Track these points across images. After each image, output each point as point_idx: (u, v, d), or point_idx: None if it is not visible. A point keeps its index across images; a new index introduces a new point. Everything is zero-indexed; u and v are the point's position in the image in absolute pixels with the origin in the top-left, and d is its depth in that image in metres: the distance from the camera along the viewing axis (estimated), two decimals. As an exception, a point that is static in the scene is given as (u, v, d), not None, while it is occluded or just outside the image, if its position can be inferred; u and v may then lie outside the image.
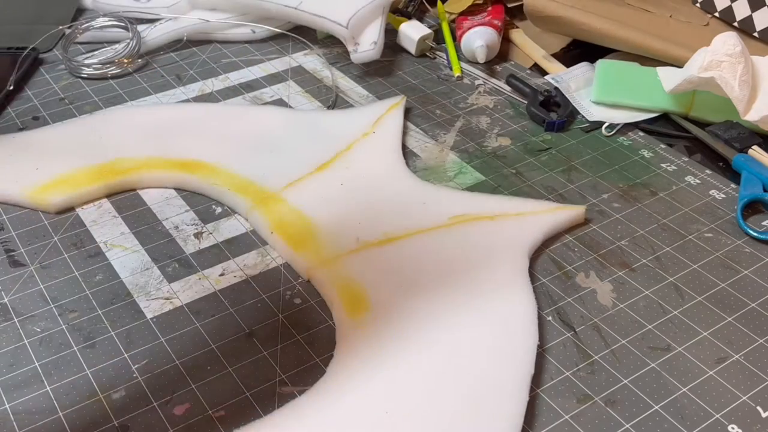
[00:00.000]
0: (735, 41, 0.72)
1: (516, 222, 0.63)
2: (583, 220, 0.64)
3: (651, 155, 0.73)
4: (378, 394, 0.49)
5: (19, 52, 0.85)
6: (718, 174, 0.70)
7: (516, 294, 0.56)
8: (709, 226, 0.64)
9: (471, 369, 0.51)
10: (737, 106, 0.71)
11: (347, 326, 0.54)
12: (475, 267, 0.58)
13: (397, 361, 0.51)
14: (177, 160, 0.69)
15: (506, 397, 0.49)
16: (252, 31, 0.91)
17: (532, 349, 0.52)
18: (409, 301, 0.56)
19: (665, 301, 0.57)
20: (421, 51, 0.89)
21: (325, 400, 0.49)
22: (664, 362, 0.53)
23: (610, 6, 0.85)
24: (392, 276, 0.57)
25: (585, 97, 0.80)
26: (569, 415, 0.49)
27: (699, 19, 0.87)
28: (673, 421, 0.49)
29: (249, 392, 0.51)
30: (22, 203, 0.66)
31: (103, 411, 0.49)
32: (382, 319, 0.54)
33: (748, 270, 0.60)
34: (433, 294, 0.56)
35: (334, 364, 0.51)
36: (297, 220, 0.62)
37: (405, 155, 0.72)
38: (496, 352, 0.52)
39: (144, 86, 0.83)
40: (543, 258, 0.61)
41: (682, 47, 0.79)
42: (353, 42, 0.84)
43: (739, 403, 0.50)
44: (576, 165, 0.71)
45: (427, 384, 0.50)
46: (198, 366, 0.52)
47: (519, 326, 0.54)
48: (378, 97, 0.81)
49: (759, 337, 0.54)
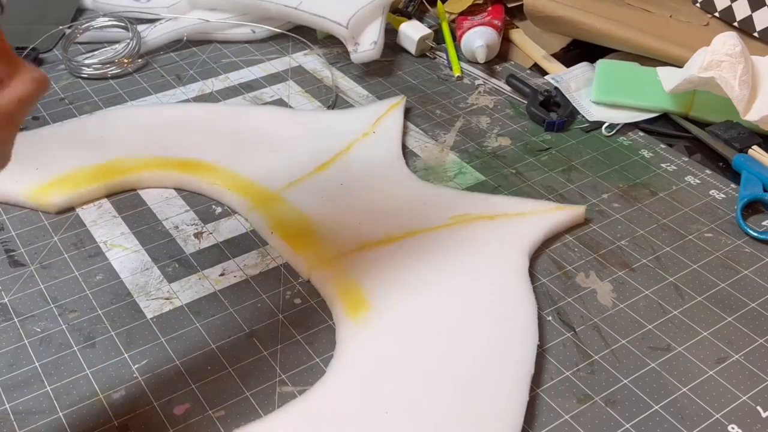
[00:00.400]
0: (735, 41, 0.72)
1: (516, 222, 0.63)
2: (583, 220, 0.64)
3: (651, 155, 0.73)
4: (378, 393, 0.49)
5: (20, 52, 0.85)
6: (718, 174, 0.70)
7: (516, 294, 0.56)
8: (709, 226, 0.64)
9: (471, 369, 0.51)
10: (737, 106, 0.71)
11: (347, 326, 0.54)
12: (475, 267, 0.58)
13: (397, 360, 0.51)
14: (177, 160, 0.69)
15: (506, 397, 0.49)
16: (252, 31, 0.91)
17: (532, 349, 0.52)
18: (409, 301, 0.56)
19: (665, 301, 0.57)
20: (421, 51, 0.89)
21: (325, 400, 0.49)
22: (664, 362, 0.53)
23: (610, 6, 0.85)
24: (392, 276, 0.57)
25: (585, 97, 0.80)
26: (569, 415, 0.49)
27: (699, 19, 0.87)
28: (673, 421, 0.49)
29: (249, 392, 0.51)
30: (22, 203, 0.66)
31: (103, 411, 0.49)
32: (382, 319, 0.54)
33: (748, 270, 0.60)
34: (433, 294, 0.56)
35: (335, 364, 0.51)
36: (297, 220, 0.62)
37: (405, 155, 0.72)
38: (496, 352, 0.52)
39: (144, 86, 0.83)
40: (543, 258, 0.61)
41: (682, 47, 0.79)
42: (353, 42, 0.84)
43: (739, 403, 0.50)
44: (576, 165, 0.71)
45: (428, 384, 0.50)
46: (198, 366, 0.52)
47: (519, 326, 0.54)
48: (378, 97, 0.81)
49: (759, 337, 0.54)
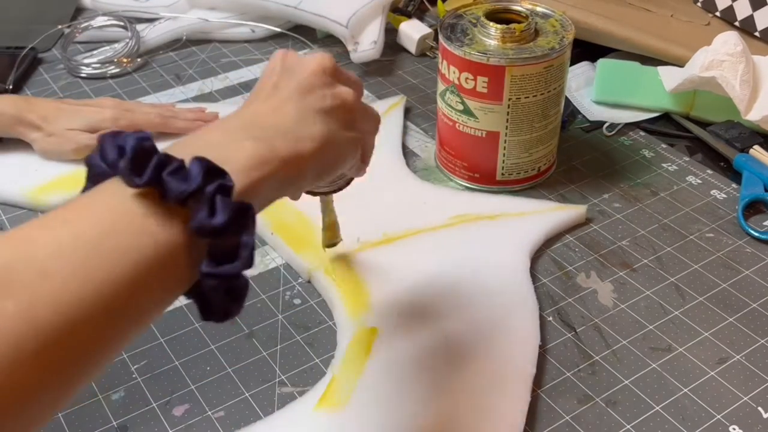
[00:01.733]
0: (736, 41, 0.72)
1: (517, 222, 0.63)
2: (584, 220, 0.64)
3: (652, 155, 0.73)
4: (378, 394, 0.49)
5: (18, 52, 0.85)
6: (719, 174, 0.70)
7: (517, 294, 0.56)
8: (710, 226, 0.64)
9: (472, 369, 0.50)
10: (738, 105, 0.71)
11: (348, 326, 0.54)
12: (475, 267, 0.58)
13: (397, 361, 0.51)
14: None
15: (507, 397, 0.49)
16: (251, 30, 0.91)
17: (533, 350, 0.52)
18: (409, 301, 0.55)
19: (666, 301, 0.57)
20: (421, 50, 0.89)
21: (325, 402, 0.49)
22: (665, 363, 0.52)
23: (610, 5, 0.84)
24: (393, 276, 0.57)
25: (586, 97, 0.79)
26: (570, 416, 0.49)
27: (700, 18, 0.87)
28: (674, 422, 0.48)
29: (248, 393, 0.50)
30: (21, 204, 0.66)
31: (103, 411, 0.49)
32: (382, 320, 0.54)
33: (749, 270, 0.60)
34: (433, 294, 0.56)
35: (335, 365, 0.51)
36: (297, 221, 0.62)
37: (405, 155, 0.72)
38: (498, 353, 0.52)
39: (143, 86, 0.83)
40: (544, 258, 0.61)
41: (683, 47, 0.79)
42: (353, 41, 0.84)
43: (741, 404, 0.50)
44: (576, 165, 0.71)
45: (428, 384, 0.50)
46: (197, 366, 0.52)
47: (520, 327, 0.54)
48: (378, 96, 0.81)
49: (760, 338, 0.54)
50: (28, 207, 0.66)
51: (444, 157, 0.69)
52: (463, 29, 0.65)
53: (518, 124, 0.64)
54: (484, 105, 0.63)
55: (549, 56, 0.61)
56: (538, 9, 0.67)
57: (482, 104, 0.63)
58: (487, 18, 0.64)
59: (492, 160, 0.66)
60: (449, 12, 0.67)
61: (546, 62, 0.62)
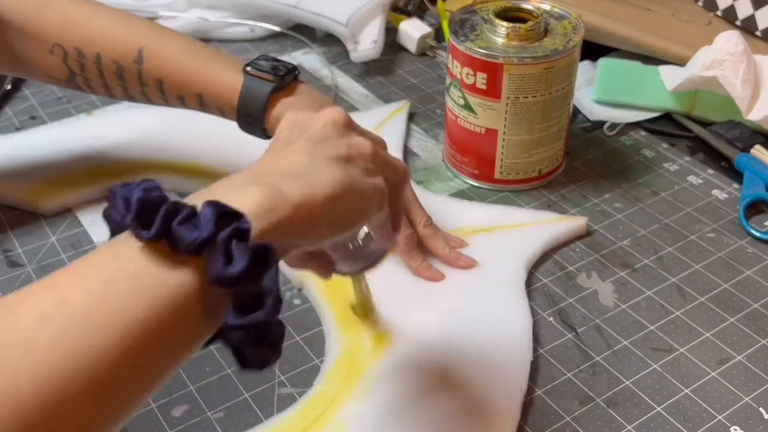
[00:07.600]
0: (737, 40, 0.71)
1: (515, 235, 0.61)
2: (585, 232, 0.63)
3: (653, 155, 0.72)
4: (373, 399, 0.49)
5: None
6: (721, 174, 0.70)
7: (511, 310, 0.55)
8: (712, 226, 0.64)
9: (462, 385, 0.49)
10: (739, 105, 0.71)
11: (336, 340, 0.53)
12: (470, 281, 0.57)
13: (390, 371, 0.50)
14: (175, 162, 0.69)
15: (496, 414, 0.48)
16: (251, 29, 0.91)
17: (525, 367, 0.51)
18: (403, 313, 0.54)
19: (667, 301, 0.57)
20: (421, 50, 0.89)
21: (321, 403, 0.48)
22: (666, 363, 0.52)
23: (611, 4, 0.84)
24: (388, 288, 0.56)
25: (586, 96, 0.79)
26: (570, 417, 0.49)
27: (701, 17, 0.87)
28: (676, 423, 0.48)
29: (248, 393, 0.50)
30: (19, 203, 0.66)
31: (101, 413, 0.49)
32: (371, 335, 0.53)
33: (750, 270, 0.60)
34: (428, 306, 0.55)
35: (327, 368, 0.51)
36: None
37: (405, 155, 0.71)
38: (489, 368, 0.51)
39: (143, 85, 0.82)
40: (544, 258, 0.61)
41: (684, 46, 0.79)
42: (353, 40, 0.84)
43: (742, 405, 0.49)
44: (577, 165, 0.71)
45: (419, 396, 0.49)
46: (196, 367, 0.52)
47: (512, 344, 0.52)
48: (378, 96, 0.81)
49: (761, 338, 0.54)
50: (26, 207, 0.65)
51: (448, 152, 0.70)
52: (473, 25, 0.65)
53: (517, 123, 0.64)
54: (483, 101, 0.63)
55: (550, 57, 0.61)
56: (555, 10, 0.66)
57: (481, 100, 0.63)
58: (498, 15, 0.63)
59: (490, 157, 0.66)
60: (464, 7, 0.67)
61: (547, 63, 0.61)
